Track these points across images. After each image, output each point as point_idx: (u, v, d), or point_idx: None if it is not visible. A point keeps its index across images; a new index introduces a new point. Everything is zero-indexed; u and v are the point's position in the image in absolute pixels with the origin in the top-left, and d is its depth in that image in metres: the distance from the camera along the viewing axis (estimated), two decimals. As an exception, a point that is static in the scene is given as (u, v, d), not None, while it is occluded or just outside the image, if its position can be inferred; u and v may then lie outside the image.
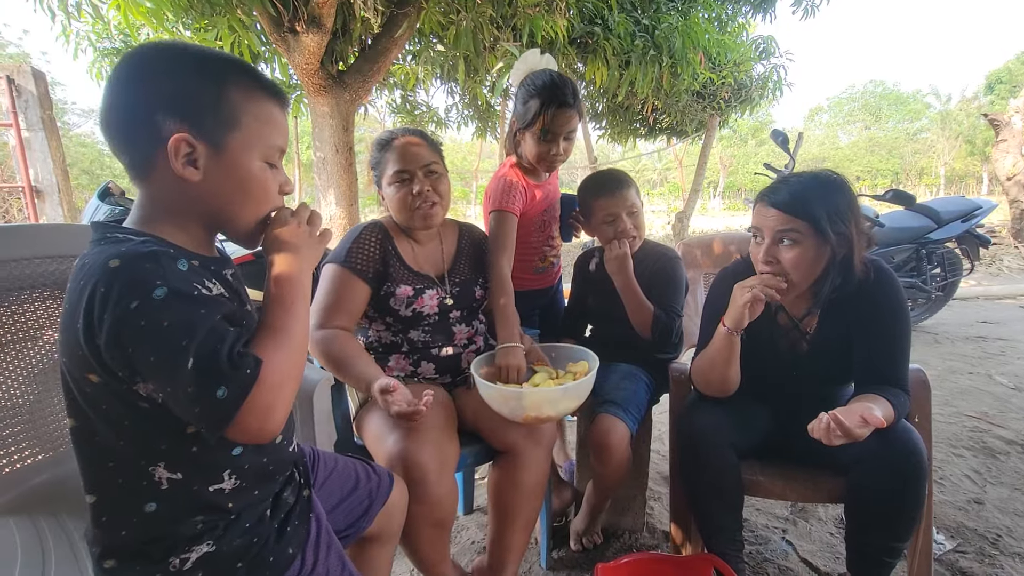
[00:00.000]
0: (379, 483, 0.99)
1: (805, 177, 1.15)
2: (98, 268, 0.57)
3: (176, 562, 0.65)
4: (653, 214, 16.23)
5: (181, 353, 0.55)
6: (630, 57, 4.48)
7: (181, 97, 0.63)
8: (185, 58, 0.65)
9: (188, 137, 0.63)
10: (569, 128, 1.46)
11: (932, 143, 31.62)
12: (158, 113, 0.62)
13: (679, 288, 1.52)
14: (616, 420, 1.33)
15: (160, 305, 0.56)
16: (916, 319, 4.00)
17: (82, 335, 0.57)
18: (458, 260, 1.41)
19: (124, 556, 0.66)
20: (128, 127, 0.64)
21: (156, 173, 0.64)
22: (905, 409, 1.10)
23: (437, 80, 5.32)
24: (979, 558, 1.47)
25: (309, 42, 3.32)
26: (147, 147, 0.63)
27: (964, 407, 2.53)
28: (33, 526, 0.94)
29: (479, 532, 1.67)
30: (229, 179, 0.67)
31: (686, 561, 1.27)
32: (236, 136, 0.66)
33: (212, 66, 0.66)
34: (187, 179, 0.64)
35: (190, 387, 0.56)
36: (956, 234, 3.68)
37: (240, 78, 0.67)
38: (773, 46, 6.33)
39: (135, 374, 0.59)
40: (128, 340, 0.55)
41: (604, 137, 8.00)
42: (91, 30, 4.10)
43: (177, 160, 0.63)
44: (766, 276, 1.13)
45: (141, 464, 0.64)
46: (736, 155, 32.43)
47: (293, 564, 0.72)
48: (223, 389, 0.56)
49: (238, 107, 0.66)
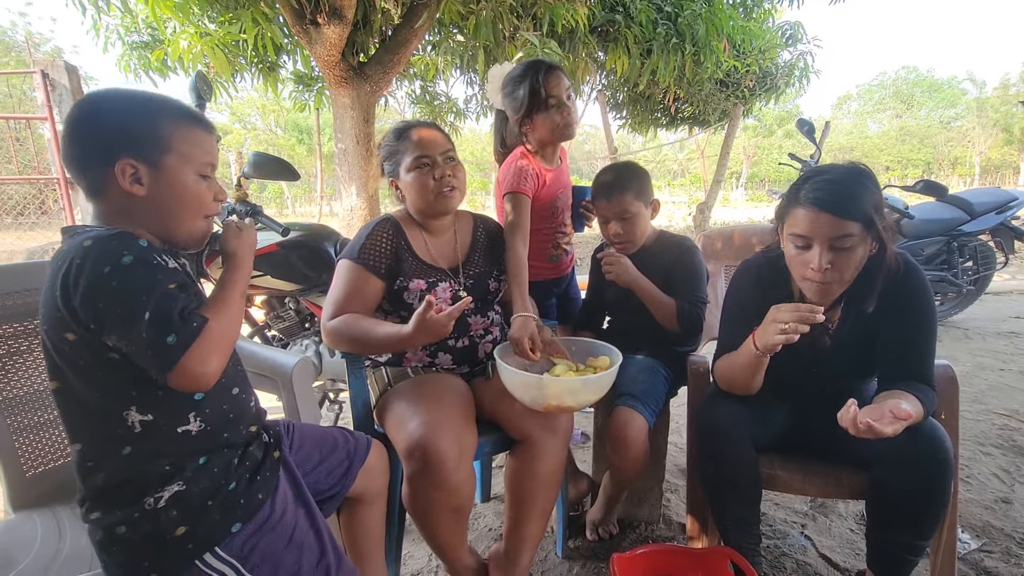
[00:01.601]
0: (356, 444, 1.10)
1: (843, 173, 1.07)
2: (74, 247, 0.71)
3: (151, 500, 0.75)
4: (674, 205, 16.00)
5: (142, 307, 0.69)
6: (652, 45, 4.42)
7: (123, 131, 0.79)
8: (126, 100, 0.81)
9: (132, 160, 0.78)
10: (564, 87, 1.52)
11: (967, 132, 30.47)
12: (106, 143, 0.78)
13: (700, 277, 1.51)
14: (634, 413, 1.33)
15: (127, 269, 0.70)
16: (946, 314, 3.89)
17: (60, 299, 0.70)
18: (473, 252, 1.42)
19: (104, 503, 0.76)
20: (83, 156, 0.80)
21: (108, 191, 0.79)
22: (932, 405, 1.08)
23: (456, 70, 5.32)
24: (1005, 558, 1.44)
25: (330, 34, 3.34)
26: (100, 170, 0.78)
27: (994, 404, 2.46)
28: (53, 516, 1.00)
29: (496, 520, 1.70)
30: (169, 191, 0.82)
31: (702, 553, 1.27)
32: (170, 157, 0.81)
33: (147, 105, 0.82)
34: (134, 194, 0.79)
35: (145, 333, 0.68)
36: (990, 226, 3.56)
37: (170, 112, 0.83)
38: (800, 32, 6.16)
39: (102, 328, 0.70)
40: (100, 297, 0.69)
41: (624, 127, 7.91)
42: (120, 24, 4.20)
43: (124, 179, 0.78)
44: (804, 311, 1.02)
45: (115, 410, 0.75)
46: (761, 145, 31.70)
47: (262, 508, 0.82)
48: (173, 336, 0.70)
49: (171, 134, 0.81)
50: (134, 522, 0.74)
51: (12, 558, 0.85)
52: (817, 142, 3.28)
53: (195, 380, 0.72)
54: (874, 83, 37.44)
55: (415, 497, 1.10)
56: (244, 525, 0.79)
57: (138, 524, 0.74)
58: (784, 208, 1.15)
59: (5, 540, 0.91)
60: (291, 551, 0.83)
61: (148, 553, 0.75)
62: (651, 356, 1.52)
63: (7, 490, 1.02)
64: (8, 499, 1.02)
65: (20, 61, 15.96)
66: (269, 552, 0.80)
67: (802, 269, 1.11)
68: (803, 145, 6.02)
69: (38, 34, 18.58)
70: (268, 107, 23.02)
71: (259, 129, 25.04)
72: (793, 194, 1.11)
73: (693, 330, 1.47)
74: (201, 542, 0.76)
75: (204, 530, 0.76)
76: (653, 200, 1.54)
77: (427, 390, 1.22)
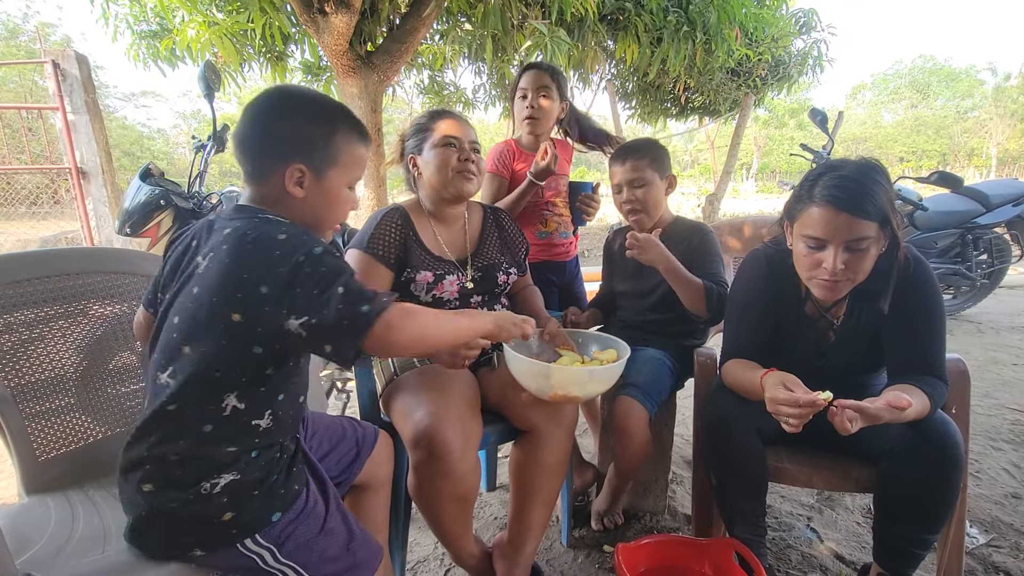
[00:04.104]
0: (364, 434, 1.13)
1: (858, 169, 1.04)
2: (267, 238, 0.76)
3: (207, 486, 0.77)
4: (683, 196, 15.85)
5: (334, 285, 0.73)
6: (662, 34, 4.35)
7: (304, 137, 0.84)
8: (312, 106, 0.87)
9: (302, 166, 0.84)
10: (540, 84, 1.70)
11: (984, 122, 29.85)
12: (285, 144, 0.84)
13: (720, 259, 1.50)
14: (634, 402, 1.33)
15: (319, 257, 0.75)
16: (959, 307, 3.84)
17: (249, 283, 0.73)
18: (482, 243, 1.42)
19: (162, 479, 0.77)
20: (260, 147, 0.85)
21: (270, 183, 0.85)
22: (942, 399, 1.07)
23: (465, 60, 5.28)
24: (1013, 553, 1.43)
25: (338, 23, 3.32)
26: (271, 164, 0.84)
27: (1006, 399, 2.43)
28: (66, 500, 1.02)
29: (501, 509, 1.71)
30: (323, 199, 0.88)
31: (707, 545, 1.27)
32: (335, 170, 0.87)
33: (327, 114, 0.88)
34: (293, 195, 0.85)
35: (340, 305, 0.72)
36: (1006, 219, 3.50)
37: (344, 126, 0.88)
38: (815, 19, 6.03)
39: (292, 311, 0.73)
40: (297, 282, 0.73)
41: (634, 117, 7.82)
42: (129, 13, 4.20)
43: (290, 181, 0.84)
44: (804, 406, 0.95)
45: (221, 390, 0.78)
46: (772, 136, 31.27)
47: (299, 498, 0.86)
48: (367, 306, 0.74)
49: (340, 149, 0.87)
50: (187, 502, 0.77)
51: (28, 539, 0.87)
52: (830, 132, 3.23)
53: (387, 345, 0.76)
54: (890, 72, 36.67)
55: (421, 486, 1.11)
56: (283, 514, 0.83)
57: (191, 504, 0.77)
58: (795, 205, 1.11)
59: (21, 522, 0.93)
60: (323, 537, 0.86)
61: (193, 531, 0.78)
62: (657, 348, 1.52)
63: (21, 475, 1.04)
64: (22, 483, 1.04)
65: (29, 52, 16.06)
66: (303, 539, 0.84)
67: (811, 269, 1.08)
68: (815, 136, 5.90)
69: (50, 26, 18.66)
70: (276, 97, 22.97)
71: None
72: (806, 191, 1.07)
73: (721, 313, 1.40)
74: (245, 527, 0.79)
75: (248, 517, 0.79)
76: (669, 175, 1.51)
77: (433, 380, 1.22)
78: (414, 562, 1.46)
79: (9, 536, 0.76)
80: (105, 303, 1.18)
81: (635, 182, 1.47)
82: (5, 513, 0.98)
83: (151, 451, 0.77)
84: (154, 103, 37.30)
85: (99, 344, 1.18)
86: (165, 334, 0.80)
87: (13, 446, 1.04)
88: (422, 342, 0.83)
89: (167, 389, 0.77)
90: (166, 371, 0.78)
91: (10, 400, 1.03)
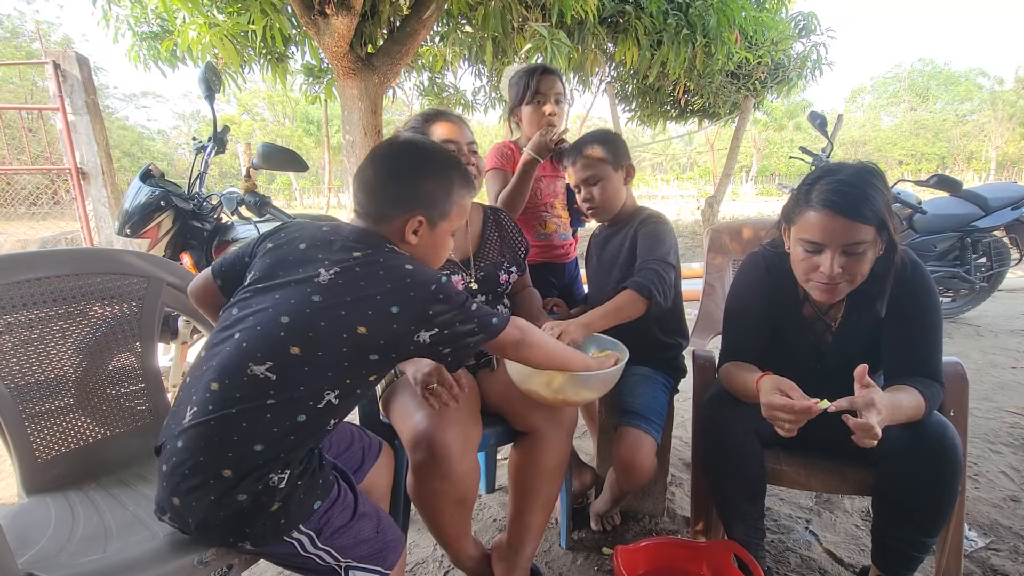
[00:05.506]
0: (370, 444, 1.16)
1: (855, 173, 1.04)
2: (399, 267, 0.86)
3: (275, 478, 0.81)
4: (682, 199, 15.87)
5: (466, 304, 0.88)
6: (662, 36, 4.35)
7: (431, 194, 0.94)
8: (434, 161, 0.97)
9: (422, 218, 0.93)
10: (555, 91, 1.66)
11: (983, 126, 29.90)
12: (414, 196, 0.93)
13: (659, 240, 1.39)
14: (642, 435, 1.31)
15: (445, 286, 0.86)
16: (958, 310, 3.84)
17: (382, 304, 0.82)
18: (484, 243, 1.42)
19: (239, 470, 0.79)
20: (391, 194, 0.94)
21: (391, 225, 0.93)
22: (938, 399, 1.07)
23: (465, 62, 5.28)
24: (1012, 556, 1.43)
25: (339, 25, 3.33)
26: (396, 209, 0.93)
27: (1004, 402, 2.44)
28: (66, 500, 1.02)
29: (500, 511, 1.71)
30: (431, 246, 0.98)
31: (706, 547, 1.28)
32: (446, 222, 0.98)
33: (447, 171, 0.97)
34: (408, 241, 0.94)
35: (476, 318, 0.88)
36: (1005, 222, 3.50)
37: (459, 180, 0.98)
38: (814, 23, 6.04)
39: (423, 326, 0.85)
40: (433, 305, 0.84)
41: (633, 120, 7.83)
42: (130, 14, 4.21)
43: (409, 229, 0.93)
44: (800, 412, 0.96)
45: (325, 388, 0.84)
46: (771, 139, 31.30)
47: (332, 490, 0.90)
48: (497, 319, 0.91)
49: (455, 204, 0.97)
50: (256, 493, 0.79)
51: (29, 539, 0.88)
52: (829, 135, 3.23)
53: (514, 347, 0.95)
54: (889, 76, 36.74)
55: (420, 487, 1.11)
56: (322, 503, 0.87)
57: (259, 496, 0.79)
58: (792, 209, 1.11)
59: (22, 522, 0.93)
60: (357, 521, 0.91)
61: (248, 523, 0.80)
62: (648, 366, 1.49)
63: (20, 475, 1.04)
64: (21, 483, 1.04)
65: (29, 52, 16.07)
66: (339, 525, 0.89)
67: (809, 272, 1.08)
68: (813, 139, 5.91)
69: (46, 23, 18.68)
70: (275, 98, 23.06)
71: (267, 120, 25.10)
72: (803, 195, 1.08)
73: (662, 294, 1.31)
74: (293, 517, 0.83)
75: (295, 507, 0.83)
76: (625, 164, 1.46)
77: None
78: (413, 564, 1.46)
79: (10, 536, 0.76)
80: (105, 304, 1.19)
81: (590, 179, 1.44)
82: (6, 513, 0.98)
83: (241, 438, 0.79)
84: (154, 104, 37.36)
85: (99, 345, 1.18)
86: (264, 329, 0.83)
87: (13, 446, 1.04)
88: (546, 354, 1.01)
89: (267, 384, 0.81)
90: (264, 364, 0.81)
91: (10, 400, 1.04)
